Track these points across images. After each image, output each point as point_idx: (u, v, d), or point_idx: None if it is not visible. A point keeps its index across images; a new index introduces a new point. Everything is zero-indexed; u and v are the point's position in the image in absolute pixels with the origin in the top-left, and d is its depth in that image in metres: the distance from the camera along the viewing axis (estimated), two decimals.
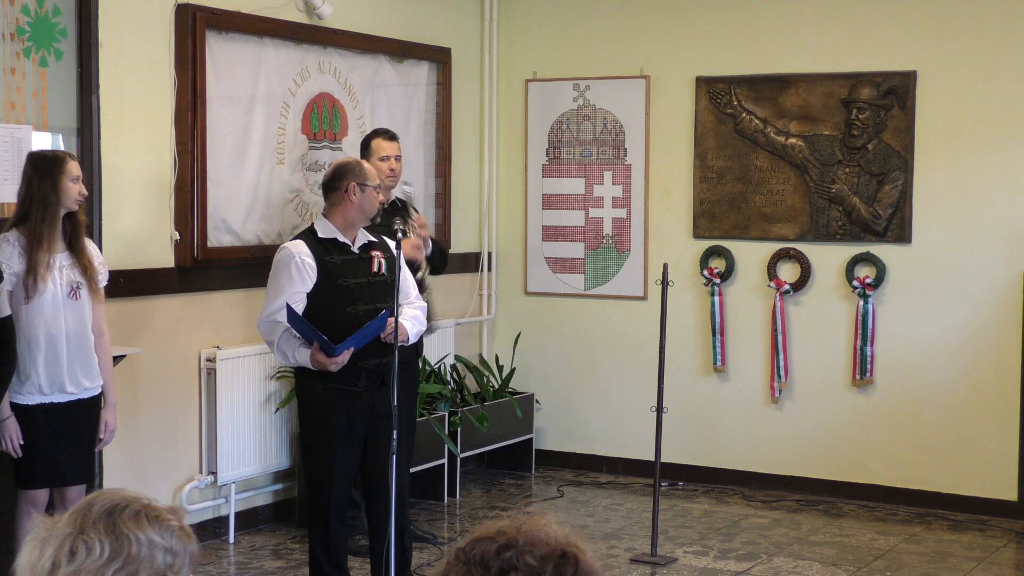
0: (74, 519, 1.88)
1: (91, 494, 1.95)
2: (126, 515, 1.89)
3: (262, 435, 6.94)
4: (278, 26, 6.96)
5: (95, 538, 1.86)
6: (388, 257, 5.48)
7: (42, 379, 5.09)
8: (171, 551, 1.90)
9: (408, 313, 5.45)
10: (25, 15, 5.72)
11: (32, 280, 5.01)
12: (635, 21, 8.33)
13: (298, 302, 5.24)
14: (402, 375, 5.30)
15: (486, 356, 8.60)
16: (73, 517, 1.89)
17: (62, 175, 5.06)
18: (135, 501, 1.92)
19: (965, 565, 6.65)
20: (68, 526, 1.88)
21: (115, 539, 1.86)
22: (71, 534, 1.87)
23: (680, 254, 8.23)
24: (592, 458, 8.56)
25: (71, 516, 1.90)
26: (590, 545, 1.80)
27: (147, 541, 1.88)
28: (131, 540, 1.87)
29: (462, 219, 8.51)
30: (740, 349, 8.14)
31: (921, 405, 7.69)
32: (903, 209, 7.69)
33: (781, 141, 7.97)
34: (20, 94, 5.73)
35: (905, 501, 7.70)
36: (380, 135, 6.64)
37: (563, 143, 8.57)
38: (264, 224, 7.01)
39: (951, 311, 7.60)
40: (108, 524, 1.87)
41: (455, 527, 7.42)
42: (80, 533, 1.87)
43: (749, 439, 8.12)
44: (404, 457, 5.49)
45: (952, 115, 7.56)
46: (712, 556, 6.75)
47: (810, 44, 7.87)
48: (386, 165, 6.46)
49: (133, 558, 1.86)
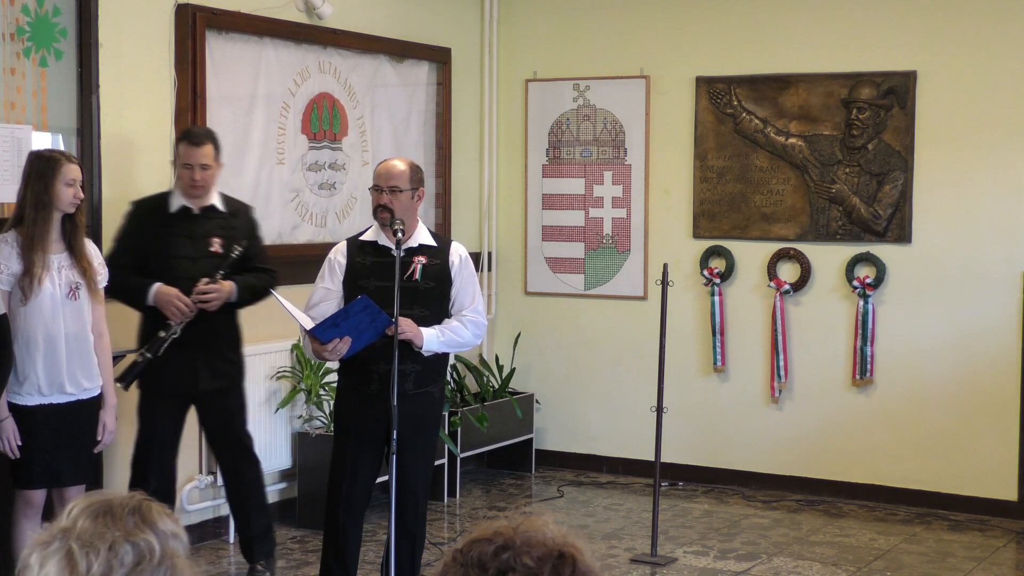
0: (101, 524, 1.85)
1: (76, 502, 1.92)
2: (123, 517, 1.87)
3: (262, 435, 6.92)
4: (278, 26, 6.97)
5: (95, 548, 1.84)
6: (433, 264, 5.38)
7: (41, 380, 5.09)
8: (176, 536, 1.90)
9: (450, 321, 5.37)
10: (25, 15, 5.72)
11: (29, 281, 5.01)
12: (635, 21, 8.33)
13: (325, 298, 5.36)
14: (412, 417, 5.25)
15: (486, 356, 8.60)
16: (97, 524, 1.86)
17: (55, 178, 5.05)
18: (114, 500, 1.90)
19: (965, 565, 6.65)
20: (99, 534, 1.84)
21: (133, 543, 1.85)
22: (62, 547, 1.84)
23: (680, 254, 8.23)
24: (592, 458, 8.56)
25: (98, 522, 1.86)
26: (589, 545, 1.79)
27: (163, 532, 1.87)
28: (148, 538, 1.86)
29: (462, 219, 8.51)
30: (740, 349, 8.14)
31: (921, 405, 7.69)
32: (903, 209, 7.69)
33: (781, 141, 7.97)
34: (20, 94, 5.73)
35: (905, 501, 7.70)
36: (187, 138, 5.73)
37: (563, 143, 8.57)
38: (264, 224, 6.97)
39: (951, 311, 7.60)
40: (134, 523, 1.85)
41: (455, 527, 7.42)
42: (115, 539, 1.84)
43: (749, 439, 8.12)
44: (421, 474, 5.45)
45: (952, 115, 7.56)
46: (712, 556, 6.75)
47: (810, 44, 7.87)
48: (188, 174, 5.66)
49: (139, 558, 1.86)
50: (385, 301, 5.12)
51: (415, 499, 5.39)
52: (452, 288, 5.41)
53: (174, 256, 5.67)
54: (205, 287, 5.66)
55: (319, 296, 5.40)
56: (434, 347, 5.30)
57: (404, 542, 5.37)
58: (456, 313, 5.40)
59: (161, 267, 5.65)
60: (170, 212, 5.73)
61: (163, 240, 5.68)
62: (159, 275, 5.62)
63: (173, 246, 5.68)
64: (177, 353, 5.60)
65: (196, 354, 5.72)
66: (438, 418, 5.67)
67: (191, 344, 5.64)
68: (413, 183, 5.36)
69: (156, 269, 5.64)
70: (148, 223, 5.70)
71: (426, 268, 5.37)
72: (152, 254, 5.65)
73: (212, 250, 5.75)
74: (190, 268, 5.68)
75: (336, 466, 5.43)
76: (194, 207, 5.73)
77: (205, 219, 5.76)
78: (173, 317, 5.58)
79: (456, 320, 5.38)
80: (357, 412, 5.37)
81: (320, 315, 5.26)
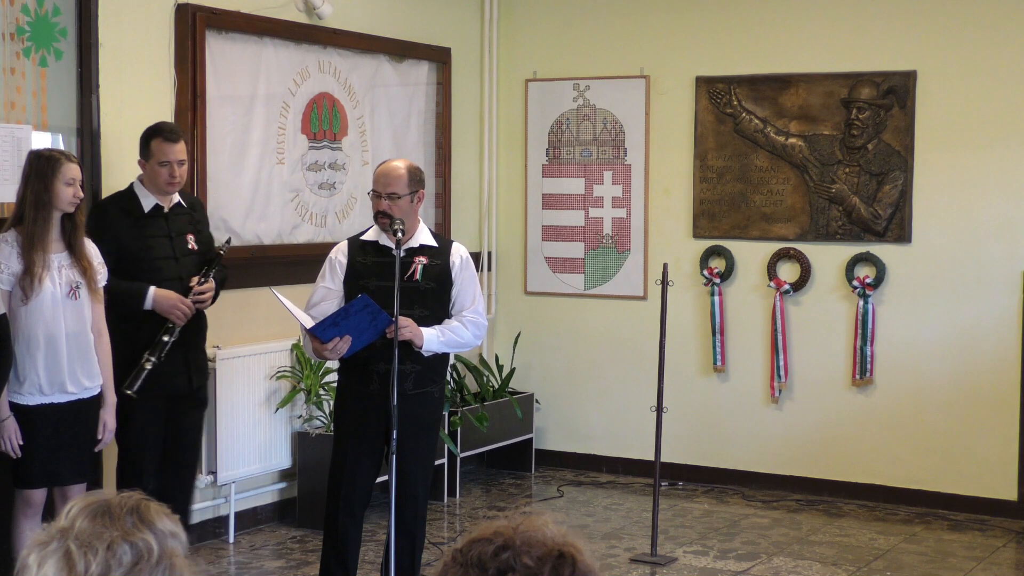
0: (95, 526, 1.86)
1: (74, 502, 1.93)
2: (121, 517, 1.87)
3: (262, 435, 6.93)
4: (278, 26, 6.97)
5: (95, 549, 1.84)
6: (433, 264, 5.38)
7: (42, 379, 5.09)
8: (174, 535, 1.90)
9: (451, 321, 5.37)
10: (25, 15, 5.72)
11: (29, 280, 5.01)
12: (635, 21, 8.33)
13: (326, 297, 5.36)
14: (412, 417, 5.26)
15: (486, 356, 8.60)
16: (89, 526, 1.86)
17: (55, 178, 5.05)
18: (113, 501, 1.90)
19: (965, 565, 6.65)
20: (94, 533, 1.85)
21: (130, 543, 1.85)
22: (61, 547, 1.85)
23: (680, 254, 8.23)
24: (592, 458, 8.56)
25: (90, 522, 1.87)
26: (589, 545, 1.79)
27: (161, 532, 1.87)
28: (144, 539, 1.86)
29: (462, 219, 8.51)
30: (740, 349, 8.14)
31: (921, 405, 7.69)
32: (903, 209, 7.69)
33: (781, 141, 7.97)
34: (20, 94, 5.73)
35: (905, 501, 7.70)
36: (160, 134, 5.65)
37: (563, 143, 8.57)
38: (264, 224, 7.01)
39: (951, 311, 7.60)
40: (132, 523, 1.86)
41: (455, 527, 7.42)
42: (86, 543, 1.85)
43: (749, 439, 8.12)
44: (421, 474, 5.46)
45: (952, 115, 7.56)
46: (712, 556, 6.75)
47: (810, 44, 7.87)
48: (166, 171, 5.61)
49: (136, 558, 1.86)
50: (386, 301, 5.12)
51: (415, 499, 5.39)
52: (453, 289, 5.41)
53: (159, 257, 5.63)
54: (201, 287, 5.66)
55: (319, 295, 5.40)
56: (434, 347, 5.30)
57: (404, 542, 5.37)
58: (456, 313, 5.40)
59: (147, 269, 5.58)
60: (144, 212, 5.66)
61: (145, 242, 5.62)
62: (145, 278, 5.57)
63: (156, 247, 5.63)
64: (170, 354, 5.60)
65: (188, 353, 5.73)
66: (438, 418, 5.66)
67: (183, 344, 5.65)
68: (412, 186, 5.35)
69: (141, 272, 5.57)
70: (123, 225, 5.60)
71: (427, 268, 5.37)
72: (134, 256, 5.57)
73: (189, 247, 5.75)
74: (175, 268, 5.67)
75: (336, 466, 5.43)
76: (165, 205, 5.71)
77: (176, 216, 5.73)
78: (177, 320, 5.58)
79: (456, 320, 5.38)
80: (357, 412, 5.37)
81: (320, 314, 5.26)
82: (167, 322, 5.56)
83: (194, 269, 5.73)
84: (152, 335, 5.54)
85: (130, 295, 5.51)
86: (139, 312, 5.54)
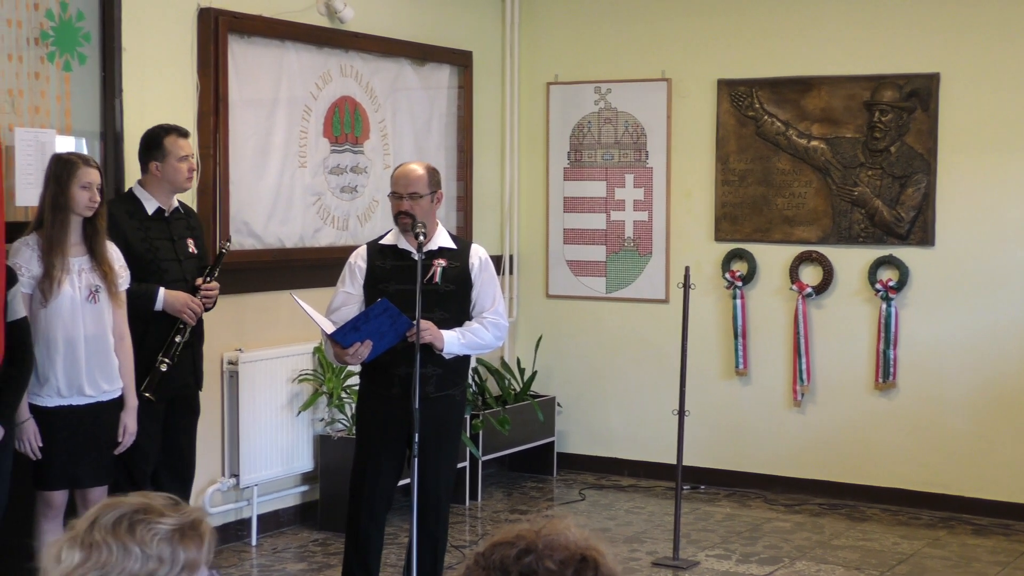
0: (71, 528, 1.93)
1: (97, 504, 1.97)
2: (103, 523, 1.89)
3: (284, 438, 6.95)
4: (300, 30, 6.98)
5: (73, 547, 1.88)
6: (452, 267, 5.39)
7: (60, 382, 5.11)
8: (153, 558, 1.89)
9: (471, 323, 5.37)
10: (49, 20, 5.75)
11: (48, 284, 5.03)
12: (656, 24, 8.32)
13: (346, 302, 5.38)
14: (434, 420, 5.25)
15: (507, 359, 8.60)
16: (71, 526, 1.93)
17: (71, 181, 5.06)
18: (121, 506, 1.92)
19: (989, 570, 6.62)
20: (66, 535, 1.92)
21: (87, 548, 1.87)
22: (60, 541, 1.90)
23: (702, 257, 8.22)
24: (614, 461, 8.55)
25: (70, 525, 1.94)
26: (611, 548, 1.79)
27: (119, 549, 1.88)
28: (103, 549, 1.87)
29: (484, 222, 8.52)
30: (762, 352, 8.12)
31: (944, 408, 7.66)
32: (926, 212, 7.66)
33: (803, 144, 7.95)
34: (44, 98, 5.76)
35: (928, 505, 7.67)
36: (174, 131, 5.70)
37: (584, 146, 8.57)
38: (286, 227, 7.03)
39: (974, 314, 7.56)
40: (86, 533, 1.89)
41: (477, 530, 7.42)
42: (67, 541, 1.89)
43: (771, 442, 8.10)
44: (443, 477, 5.45)
45: (975, 118, 7.53)
46: (734, 560, 6.74)
47: (832, 46, 7.85)
48: (185, 166, 5.67)
49: (102, 564, 1.87)
50: (405, 305, 5.12)
51: (437, 502, 5.39)
52: (472, 290, 5.41)
53: (164, 259, 5.65)
54: (208, 286, 5.69)
55: (340, 300, 5.41)
56: (455, 349, 5.30)
57: (426, 545, 5.37)
58: (477, 315, 5.40)
59: (154, 271, 5.59)
60: (148, 215, 5.66)
61: (151, 244, 5.62)
62: (151, 279, 5.57)
63: (161, 249, 5.65)
64: (180, 355, 5.63)
65: (195, 354, 5.76)
66: (460, 421, 5.66)
67: (188, 344, 5.67)
68: (431, 186, 5.37)
69: (147, 273, 5.56)
70: (129, 226, 5.59)
71: (446, 271, 5.37)
72: (140, 258, 5.55)
73: (190, 251, 5.76)
74: (179, 270, 5.68)
75: (358, 469, 5.44)
76: (167, 209, 5.72)
77: (176, 220, 5.74)
78: (189, 320, 5.60)
79: (477, 322, 5.38)
80: (379, 415, 5.37)
81: (341, 319, 5.26)
82: (177, 323, 5.58)
83: (196, 272, 5.75)
84: (159, 337, 5.56)
85: (140, 296, 5.53)
86: (149, 313, 5.56)
